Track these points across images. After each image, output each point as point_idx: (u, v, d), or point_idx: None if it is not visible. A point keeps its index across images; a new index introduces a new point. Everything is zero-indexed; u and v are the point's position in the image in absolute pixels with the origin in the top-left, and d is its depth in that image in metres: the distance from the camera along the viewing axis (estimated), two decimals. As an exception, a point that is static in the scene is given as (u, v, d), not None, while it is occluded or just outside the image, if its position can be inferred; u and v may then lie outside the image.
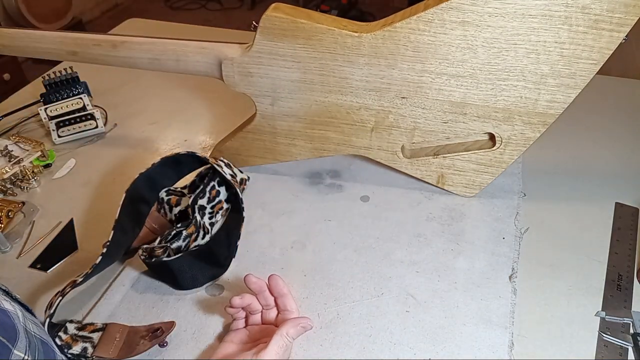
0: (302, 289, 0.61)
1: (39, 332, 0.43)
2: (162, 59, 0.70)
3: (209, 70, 0.70)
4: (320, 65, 0.65)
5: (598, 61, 0.58)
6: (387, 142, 0.71)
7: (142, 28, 1.27)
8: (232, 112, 0.88)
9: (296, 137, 0.73)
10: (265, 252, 0.66)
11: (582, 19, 0.56)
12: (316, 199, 0.74)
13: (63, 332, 0.54)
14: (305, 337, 0.56)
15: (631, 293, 0.60)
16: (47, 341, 0.44)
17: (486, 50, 0.60)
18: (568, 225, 0.69)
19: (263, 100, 0.70)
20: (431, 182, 0.74)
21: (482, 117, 0.65)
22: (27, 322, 0.42)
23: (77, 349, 0.53)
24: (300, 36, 0.63)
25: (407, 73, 0.64)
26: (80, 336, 0.54)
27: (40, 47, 0.72)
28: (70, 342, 0.53)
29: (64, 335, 0.54)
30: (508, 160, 0.69)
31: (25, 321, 0.41)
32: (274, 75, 0.67)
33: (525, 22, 0.57)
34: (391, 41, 0.62)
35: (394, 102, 0.67)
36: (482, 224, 0.69)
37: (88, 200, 0.76)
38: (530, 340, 0.56)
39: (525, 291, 0.61)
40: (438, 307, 0.59)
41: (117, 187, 0.78)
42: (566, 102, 0.62)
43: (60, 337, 0.54)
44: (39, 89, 0.91)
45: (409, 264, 0.64)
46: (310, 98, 0.69)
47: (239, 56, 0.67)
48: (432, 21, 0.59)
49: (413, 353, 0.54)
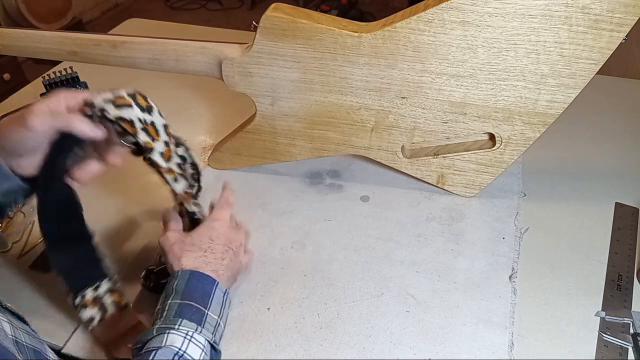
0: (302, 289, 0.61)
1: (31, 342, 0.42)
2: (162, 59, 0.69)
3: (209, 71, 0.70)
4: (320, 65, 0.65)
5: (598, 61, 0.58)
6: (387, 142, 0.71)
7: (142, 28, 1.27)
8: (232, 112, 0.88)
9: (296, 137, 0.73)
10: (265, 252, 0.66)
11: (582, 19, 0.56)
12: (316, 199, 0.74)
13: (92, 290, 0.52)
14: (305, 337, 0.56)
15: (631, 293, 0.60)
16: (40, 349, 0.43)
17: (486, 50, 0.60)
18: (568, 225, 0.69)
19: (263, 100, 0.70)
20: (431, 182, 0.74)
21: (482, 117, 0.65)
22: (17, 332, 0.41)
23: (86, 315, 0.52)
24: (300, 36, 0.63)
25: (407, 73, 0.64)
26: (101, 301, 0.53)
27: (40, 47, 0.72)
28: (88, 305, 0.51)
29: (88, 295, 0.52)
30: (508, 160, 0.69)
31: (14, 332, 0.41)
32: (274, 75, 0.67)
33: (525, 22, 0.57)
34: (391, 41, 0.62)
35: (394, 102, 0.67)
36: (482, 224, 0.69)
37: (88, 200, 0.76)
38: (530, 340, 0.56)
39: (525, 291, 0.61)
40: (438, 307, 0.59)
41: (117, 186, 0.78)
42: (566, 102, 0.62)
43: (84, 296, 0.52)
44: (39, 89, 0.91)
45: (409, 264, 0.64)
46: (310, 98, 0.69)
47: (239, 56, 0.67)
48: (432, 21, 0.59)
49: (413, 353, 0.55)
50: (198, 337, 0.46)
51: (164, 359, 0.43)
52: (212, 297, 0.49)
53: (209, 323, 0.48)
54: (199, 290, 0.49)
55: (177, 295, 0.48)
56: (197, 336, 0.46)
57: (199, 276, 0.50)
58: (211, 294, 0.49)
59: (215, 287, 0.50)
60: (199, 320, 0.47)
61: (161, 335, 0.45)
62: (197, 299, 0.48)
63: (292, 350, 0.55)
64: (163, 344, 0.44)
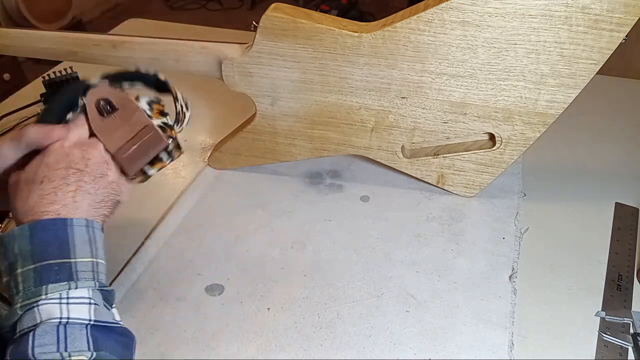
0: (302, 289, 0.61)
1: None
2: (162, 58, 0.69)
3: (208, 70, 0.70)
4: (320, 65, 0.65)
5: (598, 61, 0.58)
6: (387, 142, 0.71)
7: (142, 28, 1.27)
8: (232, 112, 0.88)
9: (296, 137, 0.73)
10: (265, 252, 0.66)
11: (582, 19, 0.56)
12: (316, 199, 0.74)
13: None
14: (305, 337, 0.56)
15: (631, 293, 0.60)
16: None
17: (486, 50, 0.60)
18: (568, 225, 0.69)
19: (263, 100, 0.70)
20: (431, 182, 0.74)
21: (482, 117, 0.66)
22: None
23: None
24: (300, 36, 0.63)
25: (407, 73, 0.64)
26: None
27: (40, 47, 0.72)
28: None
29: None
30: (508, 160, 0.69)
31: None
32: (274, 75, 0.67)
33: (525, 22, 0.57)
34: (391, 41, 0.62)
35: (394, 102, 0.67)
36: (482, 224, 0.69)
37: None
38: (530, 340, 0.56)
39: (525, 291, 0.61)
40: (438, 307, 0.59)
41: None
42: (566, 102, 0.62)
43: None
44: (39, 89, 0.90)
45: (409, 264, 0.64)
46: (310, 98, 0.69)
47: (239, 56, 0.67)
48: (432, 21, 0.59)
49: (413, 353, 0.55)
50: (76, 292, 0.38)
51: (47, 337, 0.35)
52: (73, 241, 0.39)
53: (82, 272, 0.38)
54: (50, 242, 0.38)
55: (26, 261, 0.37)
56: (75, 292, 0.38)
57: (42, 226, 0.38)
58: (68, 238, 0.39)
59: (68, 226, 0.39)
60: (68, 275, 0.38)
61: (29, 312, 0.36)
62: (54, 254, 0.38)
63: (292, 350, 0.55)
64: (38, 321, 0.36)
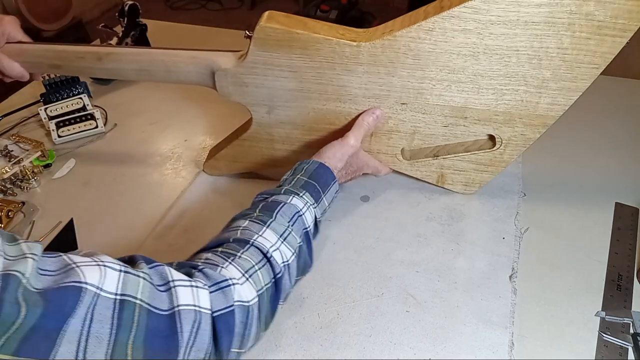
0: (302, 289, 0.61)
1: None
2: (151, 69, 0.67)
3: (201, 81, 0.67)
4: (317, 75, 0.64)
5: (600, 65, 0.58)
6: (387, 146, 0.71)
7: (142, 28, 1.27)
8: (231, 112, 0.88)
9: (294, 144, 0.72)
10: (266, 252, 0.66)
11: (585, 25, 0.55)
12: (316, 199, 0.74)
13: None
14: (305, 337, 0.56)
15: (631, 293, 0.60)
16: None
17: (488, 57, 0.59)
18: (568, 225, 0.69)
19: (259, 109, 0.69)
20: (431, 181, 0.74)
21: (482, 121, 0.65)
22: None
23: None
24: (296, 46, 0.61)
25: (407, 80, 0.63)
26: None
27: (22, 61, 0.69)
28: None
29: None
30: (508, 160, 0.69)
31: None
32: (269, 85, 0.66)
33: (528, 29, 0.56)
34: (391, 50, 0.61)
35: (393, 108, 0.66)
36: (482, 224, 0.69)
37: (88, 200, 0.76)
38: (530, 340, 0.56)
39: (525, 291, 0.61)
40: (438, 307, 0.59)
41: (117, 187, 0.78)
42: (567, 104, 0.61)
43: None
44: (39, 89, 0.91)
45: (409, 264, 0.64)
46: (308, 106, 0.67)
47: (232, 67, 0.65)
48: (433, 30, 0.58)
49: (413, 353, 0.55)
50: (313, 210, 0.57)
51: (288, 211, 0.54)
52: (330, 188, 0.61)
53: (321, 204, 0.59)
54: (323, 178, 0.61)
55: (305, 174, 0.60)
56: (312, 209, 0.57)
57: (326, 169, 0.61)
58: (330, 184, 0.61)
59: (333, 182, 0.62)
60: (317, 198, 0.58)
61: (288, 195, 0.56)
62: (320, 183, 0.60)
63: (292, 350, 0.55)
64: (289, 201, 0.55)
